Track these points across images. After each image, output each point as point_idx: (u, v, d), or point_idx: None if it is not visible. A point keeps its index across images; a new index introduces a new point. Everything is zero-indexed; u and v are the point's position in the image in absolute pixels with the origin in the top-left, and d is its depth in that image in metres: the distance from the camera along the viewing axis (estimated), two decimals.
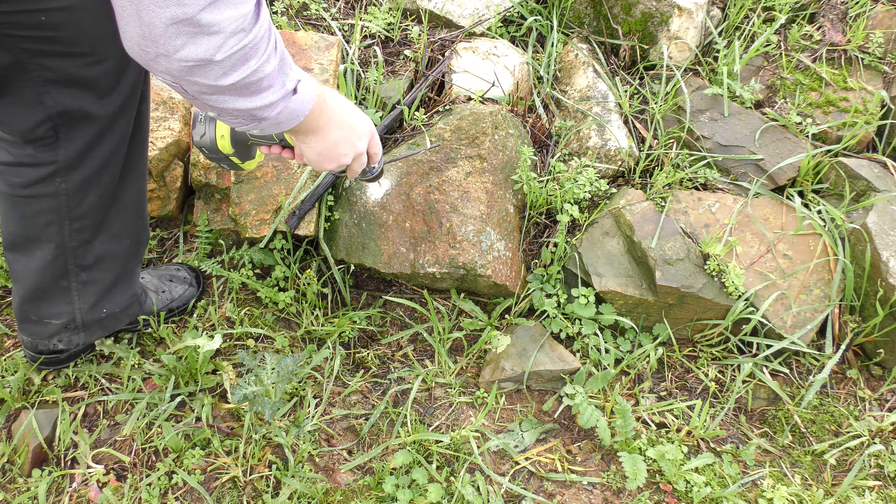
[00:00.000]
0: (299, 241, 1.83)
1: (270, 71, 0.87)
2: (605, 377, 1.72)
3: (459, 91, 2.03)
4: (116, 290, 1.50)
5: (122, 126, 1.26)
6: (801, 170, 1.95)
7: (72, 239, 1.34)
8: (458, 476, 1.53)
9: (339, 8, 2.27)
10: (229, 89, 0.84)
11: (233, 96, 0.86)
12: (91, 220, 1.34)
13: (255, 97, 0.88)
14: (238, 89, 0.85)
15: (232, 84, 0.83)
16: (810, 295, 1.76)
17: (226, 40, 0.78)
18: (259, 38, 0.82)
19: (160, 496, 1.44)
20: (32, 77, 1.10)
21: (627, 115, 2.08)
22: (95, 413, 1.57)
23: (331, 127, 1.10)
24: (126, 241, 1.45)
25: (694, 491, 1.55)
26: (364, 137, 1.19)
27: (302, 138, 1.10)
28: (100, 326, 1.52)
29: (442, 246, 1.76)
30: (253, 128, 0.96)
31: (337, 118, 1.11)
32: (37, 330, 1.47)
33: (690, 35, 2.14)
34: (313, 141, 1.10)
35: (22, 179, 1.25)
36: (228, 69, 0.81)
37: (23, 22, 1.01)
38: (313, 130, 1.07)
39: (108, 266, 1.44)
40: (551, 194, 1.88)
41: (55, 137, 1.20)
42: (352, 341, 1.80)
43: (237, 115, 0.91)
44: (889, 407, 1.76)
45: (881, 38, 2.16)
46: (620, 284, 1.78)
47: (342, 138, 1.14)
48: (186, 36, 0.76)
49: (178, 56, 0.78)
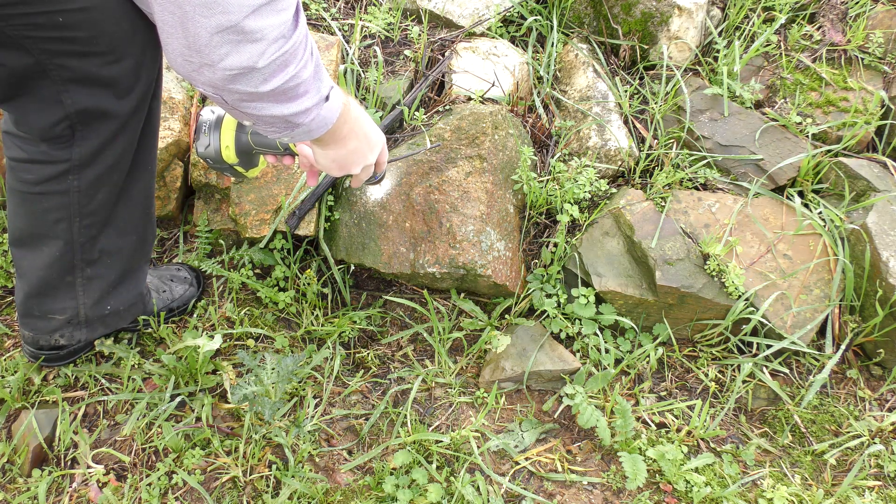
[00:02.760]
0: (299, 241, 1.83)
1: (307, 77, 0.89)
2: (605, 377, 1.72)
3: (459, 91, 2.03)
4: (122, 288, 1.50)
5: (135, 124, 1.27)
6: (801, 170, 1.95)
7: (80, 235, 1.34)
8: (458, 476, 1.53)
9: (339, 8, 2.27)
10: (268, 96, 0.86)
11: (271, 103, 0.87)
12: (100, 216, 1.35)
13: (291, 103, 0.90)
14: (276, 95, 0.86)
15: (271, 90, 0.85)
16: (810, 295, 1.76)
17: (268, 47, 0.80)
18: (298, 43, 0.84)
19: (160, 496, 1.44)
20: (52, 77, 1.11)
21: (627, 115, 2.08)
22: (95, 413, 1.57)
23: (351, 137, 1.12)
24: (132, 237, 1.45)
25: (694, 491, 1.55)
26: (376, 149, 1.21)
27: (323, 146, 1.11)
28: (102, 323, 1.52)
29: (442, 246, 1.76)
30: (286, 135, 0.97)
31: (357, 129, 1.13)
32: (39, 325, 1.47)
33: (690, 35, 2.14)
34: (332, 150, 1.12)
35: (34, 176, 1.26)
36: (269, 76, 0.83)
37: (42, 23, 1.02)
38: (335, 140, 1.09)
39: (113, 262, 1.44)
40: (551, 194, 1.88)
41: (71, 136, 1.21)
42: (352, 341, 1.80)
43: (274, 122, 0.92)
44: (889, 407, 1.76)
45: (881, 38, 2.16)
46: (620, 284, 1.78)
47: (358, 150, 1.16)
48: (231, 45, 0.78)
49: (223, 65, 0.80)
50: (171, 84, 1.91)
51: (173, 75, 1.94)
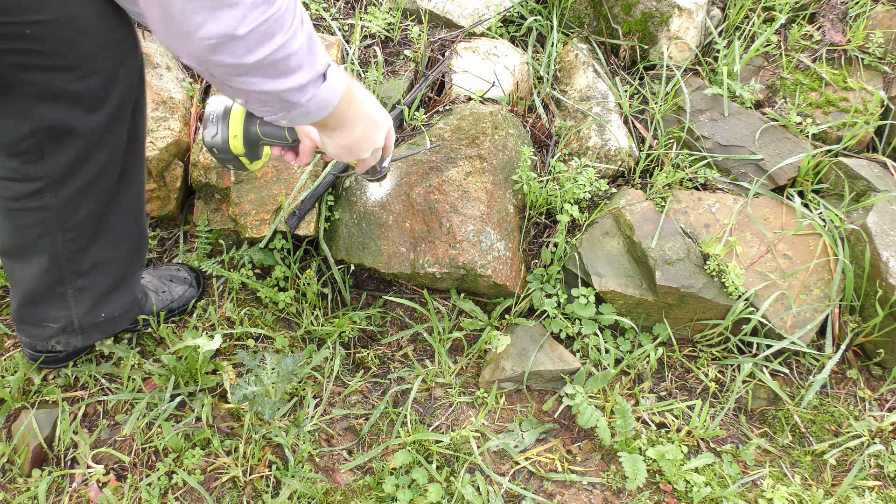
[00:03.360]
0: (299, 241, 1.83)
1: (297, 48, 0.83)
2: (605, 377, 1.72)
3: (459, 91, 2.03)
4: (115, 295, 1.49)
5: (113, 139, 1.23)
6: (801, 170, 1.95)
7: (65, 248, 1.32)
8: (458, 476, 1.53)
9: (339, 8, 2.27)
10: (255, 68, 0.81)
11: (260, 77, 0.83)
12: (86, 228, 1.32)
13: (283, 78, 0.85)
14: (264, 68, 0.82)
15: (258, 62, 0.80)
16: (810, 295, 1.76)
17: (247, 12, 0.76)
18: (283, 10, 0.80)
19: (160, 496, 1.44)
20: (18, 91, 1.07)
21: (627, 115, 2.08)
22: (95, 413, 1.57)
23: (357, 122, 1.08)
24: (123, 247, 1.43)
25: (694, 491, 1.55)
26: (384, 131, 1.18)
27: (329, 132, 1.08)
28: (98, 330, 1.51)
29: (442, 246, 1.76)
30: (283, 117, 0.93)
31: (363, 114, 1.09)
32: (35, 332, 1.47)
33: (690, 35, 2.14)
34: (339, 136, 1.09)
35: (11, 193, 1.23)
36: (253, 45, 0.79)
37: (7, 34, 0.99)
38: (340, 125, 1.05)
39: (106, 272, 1.43)
40: (551, 194, 1.88)
41: (40, 152, 1.17)
42: (352, 341, 1.80)
43: (265, 99, 0.88)
44: (889, 407, 1.76)
45: (881, 38, 2.16)
46: (620, 284, 1.78)
47: (366, 134, 1.12)
48: (207, 11, 0.75)
49: (201, 34, 0.76)
50: (171, 84, 1.91)
51: (173, 75, 1.94)
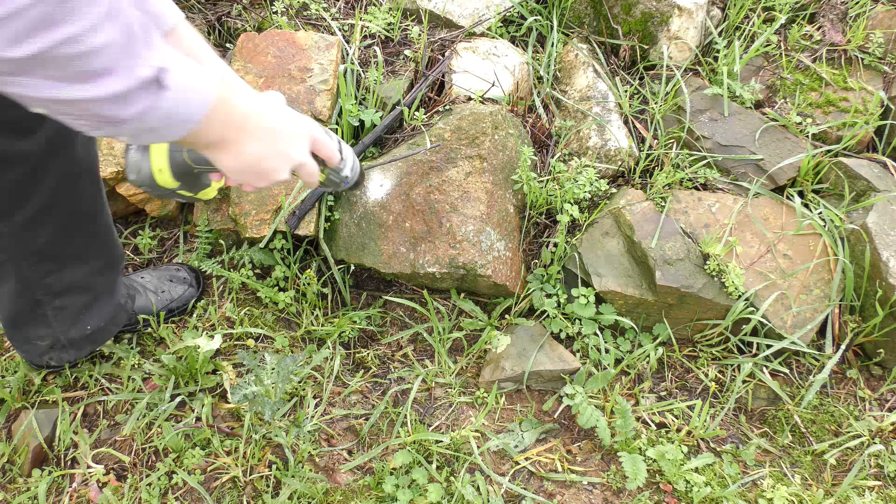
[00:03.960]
0: (299, 241, 1.83)
1: (101, 45, 0.63)
2: (605, 377, 1.72)
3: (459, 91, 2.03)
4: (96, 308, 1.46)
5: (58, 164, 1.17)
6: (801, 170, 1.95)
7: (33, 272, 1.29)
8: (458, 476, 1.53)
9: (339, 8, 2.27)
10: (32, 66, 0.61)
11: (46, 80, 0.62)
12: (50, 253, 1.28)
13: (85, 84, 0.64)
14: (47, 67, 0.61)
15: (31, 56, 0.59)
16: (810, 295, 1.76)
17: None
18: None
19: (160, 496, 1.44)
20: None
21: (627, 115, 2.08)
22: (95, 413, 1.57)
23: (244, 139, 0.87)
24: (97, 263, 1.40)
25: (694, 491, 1.55)
26: (300, 142, 0.96)
27: (212, 153, 0.88)
28: (89, 341, 1.51)
29: (442, 246, 1.76)
30: (113, 133, 0.73)
31: (252, 126, 0.88)
32: (26, 348, 1.47)
33: (690, 35, 2.14)
34: (226, 157, 0.88)
35: None
36: (21, 32, 0.58)
37: None
38: (221, 144, 0.85)
39: (82, 290, 1.40)
40: (551, 194, 1.88)
41: None
42: (352, 341, 1.80)
43: (69, 111, 0.67)
44: (889, 407, 1.76)
45: (881, 38, 2.16)
46: (620, 284, 1.78)
47: (266, 151, 0.91)
48: None
49: None
50: None
51: None
